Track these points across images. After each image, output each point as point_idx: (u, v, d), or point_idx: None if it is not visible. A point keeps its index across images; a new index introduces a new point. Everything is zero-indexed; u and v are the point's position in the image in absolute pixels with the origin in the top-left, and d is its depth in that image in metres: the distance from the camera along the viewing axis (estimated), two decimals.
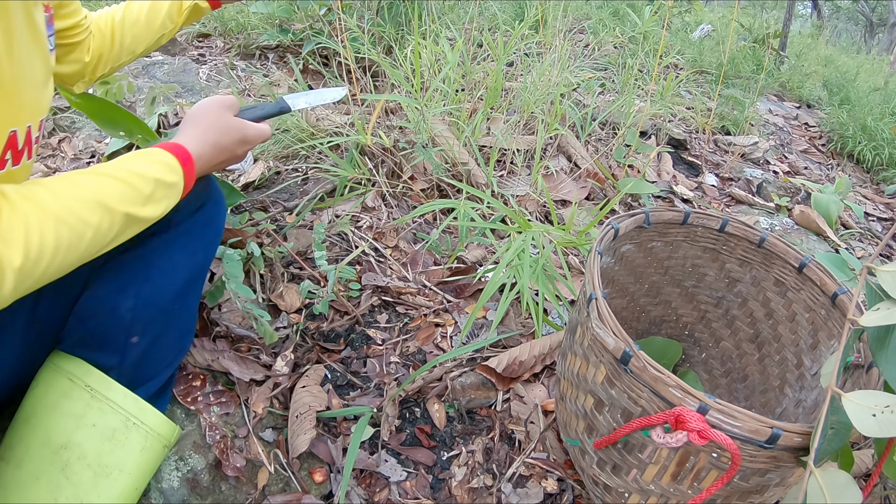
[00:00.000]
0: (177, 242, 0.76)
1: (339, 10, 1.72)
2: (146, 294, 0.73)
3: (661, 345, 1.13)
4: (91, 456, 0.68)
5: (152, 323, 0.74)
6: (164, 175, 0.67)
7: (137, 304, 0.72)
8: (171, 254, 0.75)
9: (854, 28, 14.12)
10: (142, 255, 0.74)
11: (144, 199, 0.64)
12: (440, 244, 1.42)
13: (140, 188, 0.63)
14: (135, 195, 0.63)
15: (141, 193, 0.63)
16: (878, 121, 2.75)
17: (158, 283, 0.74)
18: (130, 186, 0.62)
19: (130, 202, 0.62)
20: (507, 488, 0.93)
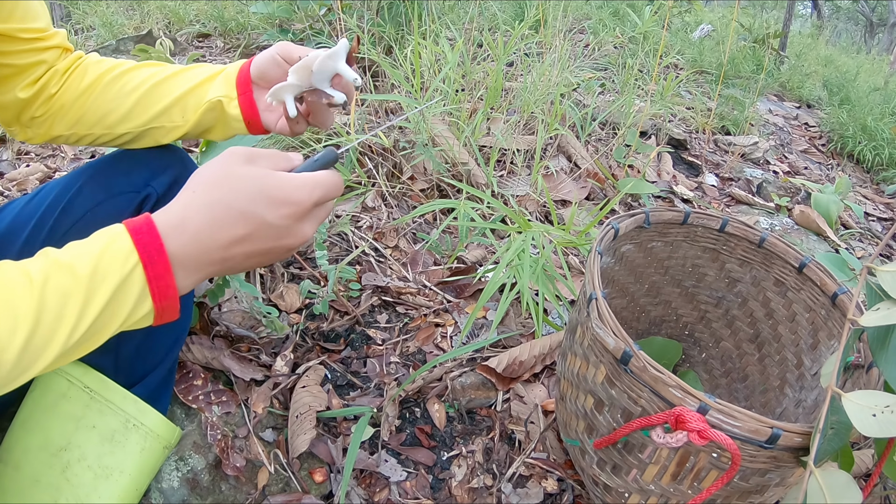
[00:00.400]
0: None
1: (339, 10, 1.73)
2: None
3: (661, 345, 1.13)
4: (91, 457, 0.68)
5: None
6: (101, 268, 0.44)
7: None
8: None
9: (854, 28, 14.12)
10: None
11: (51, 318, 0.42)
12: (440, 244, 1.42)
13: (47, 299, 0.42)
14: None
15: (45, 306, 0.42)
16: (878, 121, 2.75)
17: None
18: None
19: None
20: (507, 488, 0.93)
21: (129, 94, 0.72)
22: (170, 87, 0.72)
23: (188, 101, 0.72)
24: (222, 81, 0.72)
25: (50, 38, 0.70)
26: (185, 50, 2.37)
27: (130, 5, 2.77)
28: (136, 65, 0.75)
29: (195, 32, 2.54)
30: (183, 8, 2.68)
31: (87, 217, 0.72)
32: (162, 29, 2.57)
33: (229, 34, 2.54)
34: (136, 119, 0.73)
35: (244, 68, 0.72)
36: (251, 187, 0.47)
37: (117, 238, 0.45)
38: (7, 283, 0.41)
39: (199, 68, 0.75)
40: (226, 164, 0.48)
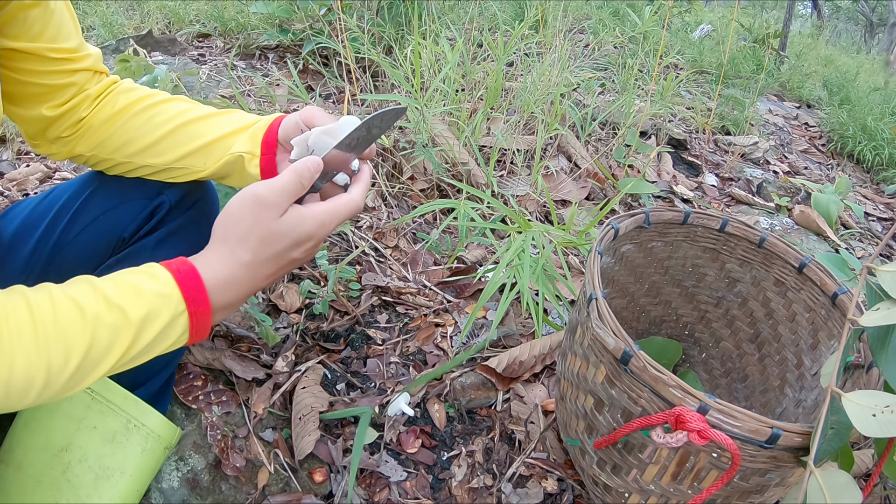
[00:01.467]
0: (170, 241, 0.76)
1: (339, 10, 1.73)
2: None
3: (661, 345, 1.13)
4: (92, 458, 0.68)
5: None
6: (153, 313, 0.50)
7: None
8: (164, 252, 0.74)
9: (854, 28, 14.12)
10: (137, 254, 0.73)
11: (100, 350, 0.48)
12: (440, 244, 1.42)
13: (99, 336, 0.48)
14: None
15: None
16: (878, 121, 2.75)
17: None
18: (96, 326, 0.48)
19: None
20: (507, 488, 0.93)
21: (155, 127, 0.71)
22: (198, 130, 0.71)
23: (213, 150, 0.71)
24: (248, 138, 0.70)
25: (81, 60, 0.68)
26: (185, 50, 2.37)
27: (130, 5, 2.77)
28: (168, 98, 0.73)
29: (195, 32, 2.54)
30: (183, 8, 2.68)
31: (100, 220, 0.73)
32: (162, 29, 2.57)
33: (229, 34, 2.54)
34: (159, 156, 0.71)
35: (273, 127, 0.70)
36: (287, 242, 0.55)
37: (168, 291, 0.51)
38: (62, 317, 0.47)
39: (230, 115, 0.73)
40: (261, 221, 0.54)
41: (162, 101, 0.73)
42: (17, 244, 0.71)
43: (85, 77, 0.69)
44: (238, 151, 0.70)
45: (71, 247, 0.72)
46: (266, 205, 0.53)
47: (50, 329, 0.46)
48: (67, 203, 0.73)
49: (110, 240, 0.73)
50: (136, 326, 0.49)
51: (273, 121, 0.71)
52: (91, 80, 0.70)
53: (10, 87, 0.64)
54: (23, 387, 0.45)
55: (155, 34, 2.37)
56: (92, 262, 0.73)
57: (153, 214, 0.75)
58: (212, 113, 0.72)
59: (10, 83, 0.64)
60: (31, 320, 0.45)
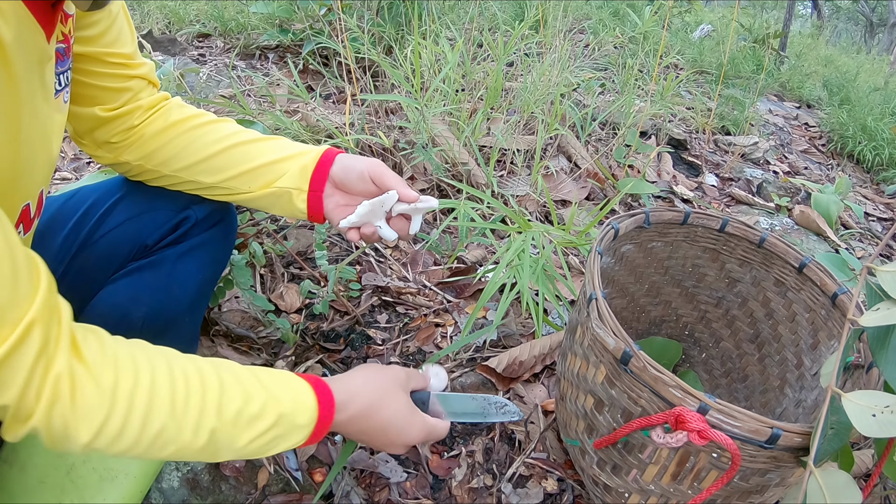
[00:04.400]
0: (193, 254, 0.76)
1: (339, 10, 1.72)
2: (159, 304, 0.73)
3: (661, 345, 1.13)
4: (96, 459, 0.69)
5: (163, 332, 0.75)
6: (289, 415, 0.56)
7: (150, 313, 0.73)
8: (186, 265, 0.76)
9: (854, 28, 14.12)
10: (157, 264, 0.74)
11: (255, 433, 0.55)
12: (440, 244, 1.42)
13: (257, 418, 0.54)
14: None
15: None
16: (878, 121, 2.75)
17: (172, 294, 0.75)
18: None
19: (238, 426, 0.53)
20: (507, 488, 0.93)
21: (206, 145, 0.72)
22: (248, 153, 0.72)
23: (261, 174, 0.72)
24: (298, 172, 0.72)
25: (136, 67, 0.70)
26: (186, 50, 2.37)
27: (130, 5, 2.76)
28: (218, 119, 0.75)
29: (195, 32, 2.54)
30: (183, 8, 2.68)
31: (126, 224, 0.74)
32: (162, 29, 2.57)
33: (229, 34, 2.54)
34: (207, 175, 0.72)
35: (324, 162, 0.72)
36: (397, 415, 0.65)
37: (307, 406, 0.58)
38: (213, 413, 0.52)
39: (280, 141, 0.75)
40: (390, 383, 0.66)
41: (213, 121, 0.75)
42: (45, 238, 0.71)
43: (139, 85, 0.71)
44: (286, 187, 0.72)
45: (95, 247, 0.73)
46: (402, 382, 0.68)
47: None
48: (95, 204, 0.74)
49: (133, 245, 0.74)
50: (274, 417, 0.55)
51: (323, 154, 0.73)
52: (145, 89, 0.72)
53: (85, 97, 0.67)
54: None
55: (155, 34, 2.37)
56: (113, 264, 0.74)
57: (178, 226, 0.76)
58: (261, 137, 0.74)
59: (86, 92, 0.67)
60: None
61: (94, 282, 0.73)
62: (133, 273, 0.73)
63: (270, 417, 0.54)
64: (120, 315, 0.71)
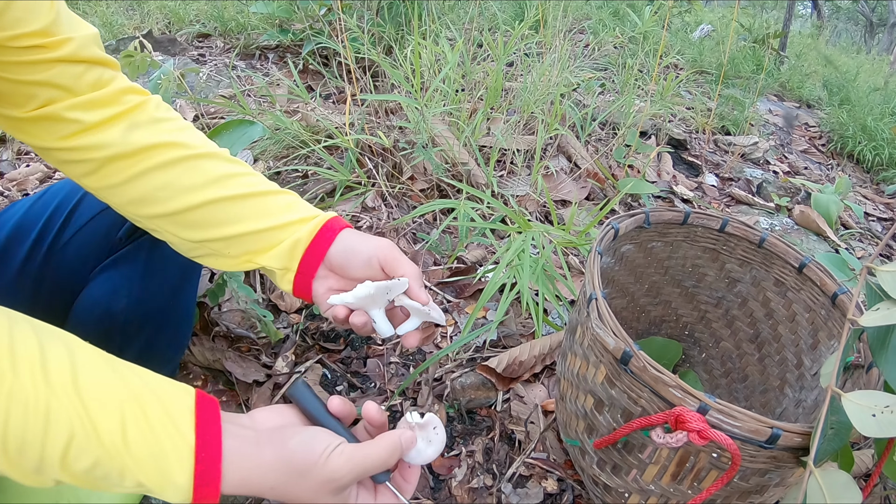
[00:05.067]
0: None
1: (339, 10, 1.72)
2: (139, 294, 0.72)
3: (661, 345, 1.13)
4: None
5: (148, 322, 0.74)
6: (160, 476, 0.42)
7: (130, 304, 0.71)
8: (161, 250, 0.72)
9: (854, 28, 14.12)
10: (132, 254, 0.72)
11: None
12: (440, 244, 1.42)
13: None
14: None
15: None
16: (878, 121, 2.75)
17: (150, 283, 0.73)
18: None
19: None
20: (507, 488, 0.93)
21: (180, 192, 0.56)
22: (233, 213, 0.58)
23: (246, 242, 0.59)
24: (287, 250, 0.58)
25: (57, 47, 0.50)
26: (185, 50, 2.37)
27: (130, 5, 2.77)
28: (205, 152, 0.58)
29: (195, 32, 2.54)
30: (183, 8, 2.68)
31: (94, 221, 0.71)
32: (162, 29, 2.57)
33: (229, 34, 2.54)
34: (181, 230, 0.58)
35: (321, 239, 0.59)
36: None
37: (180, 482, 0.42)
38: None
39: (276, 198, 0.60)
40: (321, 494, 0.46)
41: (195, 155, 0.57)
42: (11, 248, 0.70)
43: (66, 73, 0.51)
44: (271, 266, 0.59)
45: (66, 250, 0.71)
46: (334, 488, 0.46)
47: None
48: (61, 205, 0.71)
49: (104, 241, 0.72)
50: (134, 486, 0.42)
51: (321, 228, 0.59)
52: (81, 76, 0.52)
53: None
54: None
55: (155, 34, 2.37)
56: (88, 263, 0.72)
57: None
58: (254, 191, 0.59)
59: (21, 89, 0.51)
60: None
61: (75, 285, 0.72)
62: (109, 268, 0.71)
63: (128, 482, 0.42)
64: (101, 311, 0.70)
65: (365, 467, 0.47)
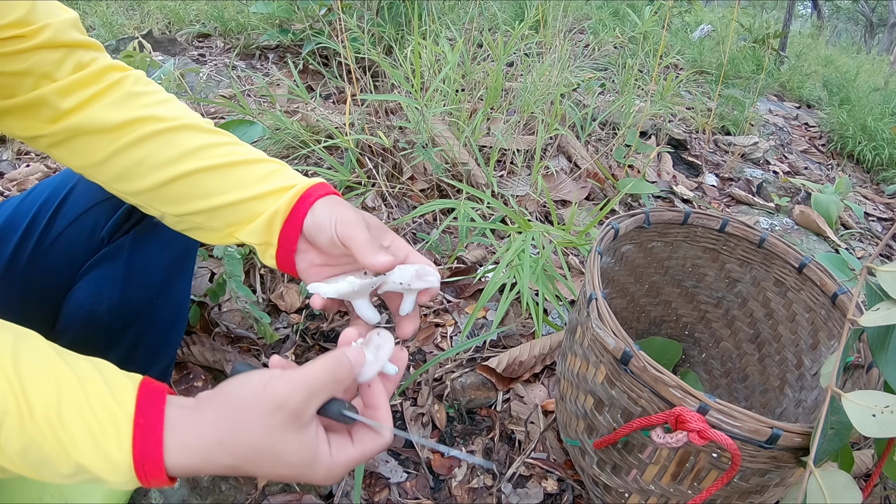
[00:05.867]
0: (150, 235, 0.72)
1: (339, 10, 1.72)
2: (122, 294, 0.70)
3: (661, 345, 1.13)
4: None
5: (133, 322, 0.73)
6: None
7: (113, 305, 0.70)
8: (145, 248, 0.71)
9: (854, 28, 14.12)
10: (114, 254, 0.71)
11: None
12: (440, 244, 1.42)
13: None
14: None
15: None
16: (878, 121, 2.75)
17: (134, 282, 0.71)
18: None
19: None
20: (507, 488, 0.93)
21: (157, 167, 0.55)
22: (209, 185, 0.56)
23: (224, 214, 0.57)
24: (265, 225, 0.56)
25: (33, 35, 0.50)
26: (185, 50, 2.37)
27: (130, 5, 2.77)
28: (182, 124, 0.57)
29: (195, 32, 2.54)
30: (183, 8, 2.68)
31: (79, 220, 0.70)
32: (162, 29, 2.57)
33: (229, 34, 2.54)
34: (163, 204, 0.58)
35: (298, 210, 0.55)
36: (283, 470, 0.43)
37: (119, 467, 0.40)
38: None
39: (252, 168, 0.58)
40: (269, 430, 0.42)
41: (170, 129, 0.56)
42: (1, 242, 0.69)
43: (45, 60, 0.52)
44: (250, 242, 0.58)
45: (52, 249, 0.70)
46: (282, 412, 0.42)
47: None
48: (47, 202, 0.70)
49: (89, 241, 0.71)
50: (73, 466, 0.40)
51: (299, 199, 0.56)
52: (62, 62, 0.53)
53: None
54: None
55: (155, 34, 2.37)
56: (74, 265, 0.71)
57: (131, 214, 0.71)
58: (231, 161, 0.57)
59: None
60: None
61: (63, 285, 0.71)
62: (92, 269, 0.70)
63: (64, 466, 0.39)
64: (86, 313, 0.69)
65: (309, 384, 0.43)
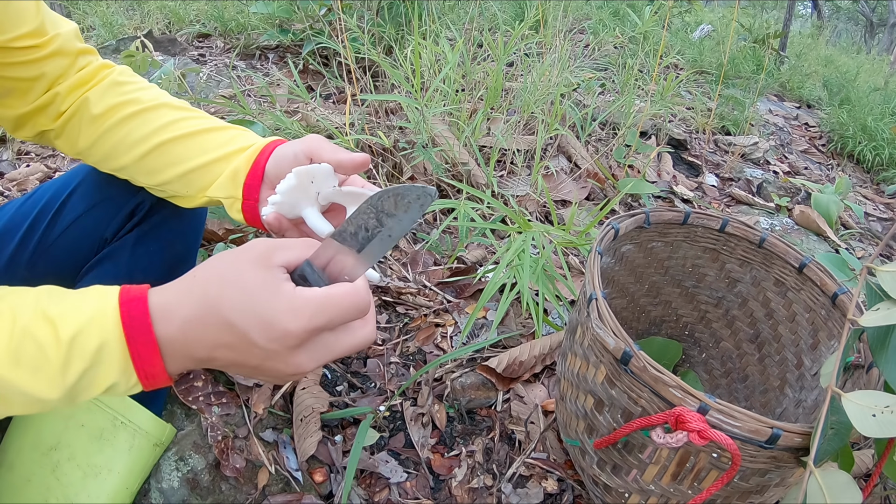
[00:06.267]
0: (151, 234, 0.74)
1: (339, 10, 1.72)
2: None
3: (661, 345, 1.12)
4: (80, 456, 0.68)
5: None
6: (82, 337, 0.40)
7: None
8: (146, 247, 0.73)
9: (854, 28, 14.12)
10: (116, 253, 0.72)
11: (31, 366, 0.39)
12: (440, 244, 1.42)
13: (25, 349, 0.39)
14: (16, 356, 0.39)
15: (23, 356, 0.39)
16: (878, 121, 2.75)
17: (136, 280, 0.71)
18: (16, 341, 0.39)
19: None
20: (507, 488, 0.93)
21: (134, 144, 0.62)
22: (177, 153, 0.61)
23: (194, 179, 0.62)
24: (229, 178, 0.59)
25: (46, 46, 0.58)
26: (185, 50, 2.37)
27: (130, 5, 2.77)
28: (153, 104, 0.63)
29: (195, 32, 2.54)
30: (183, 8, 2.68)
31: (81, 220, 0.71)
32: (162, 29, 2.57)
33: (229, 34, 2.54)
34: (143, 176, 0.64)
35: (257, 166, 0.59)
36: (245, 300, 0.40)
37: (102, 307, 0.41)
38: None
39: (217, 133, 0.62)
40: (236, 261, 0.42)
41: (148, 107, 0.62)
42: (1, 243, 0.69)
43: (56, 67, 0.60)
44: (217, 197, 0.61)
45: (53, 249, 0.71)
46: (258, 249, 0.42)
47: None
48: (50, 201, 0.71)
49: (93, 240, 0.72)
50: (65, 346, 0.39)
51: (259, 153, 0.60)
52: (68, 67, 0.61)
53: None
54: None
55: (155, 34, 2.37)
56: (76, 264, 0.72)
57: (134, 213, 0.73)
58: (200, 129, 0.62)
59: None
60: None
61: (65, 284, 0.70)
62: (95, 267, 0.71)
63: (58, 349, 0.40)
64: None
65: (276, 243, 0.43)
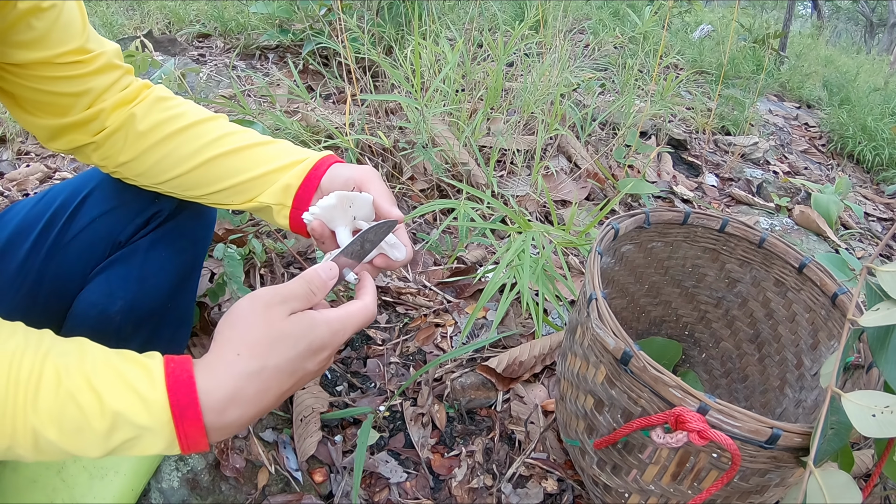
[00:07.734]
0: (164, 240, 0.74)
1: (339, 10, 1.72)
2: (135, 296, 0.72)
3: (661, 345, 1.13)
4: (86, 458, 0.68)
5: (144, 323, 0.74)
6: (130, 412, 0.41)
7: (125, 306, 0.71)
8: (159, 253, 0.74)
9: (854, 28, 14.13)
10: (129, 257, 0.72)
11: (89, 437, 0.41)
12: (440, 244, 1.42)
13: (87, 421, 0.41)
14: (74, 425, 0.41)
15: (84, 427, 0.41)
16: (878, 121, 2.75)
17: (147, 285, 0.73)
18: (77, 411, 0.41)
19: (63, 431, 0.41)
20: (507, 488, 0.93)
21: (185, 158, 0.64)
22: (233, 165, 0.64)
23: (248, 189, 0.65)
24: (281, 188, 0.63)
25: (92, 61, 0.60)
26: (186, 50, 2.37)
27: (130, 5, 2.77)
28: (203, 117, 0.66)
29: (195, 32, 2.54)
30: (183, 8, 2.68)
31: (96, 223, 0.71)
32: (162, 29, 2.57)
33: (229, 34, 2.54)
34: (188, 189, 0.66)
35: (311, 178, 0.63)
36: (301, 348, 0.46)
37: (154, 400, 0.42)
38: (40, 382, 0.41)
39: (272, 147, 0.66)
40: (269, 321, 0.45)
41: (196, 122, 0.65)
42: (12, 247, 0.70)
43: (102, 83, 0.62)
44: (267, 202, 0.64)
45: (67, 250, 0.71)
46: (274, 307, 0.46)
47: (23, 394, 0.40)
48: (64, 204, 0.72)
49: (107, 243, 0.72)
50: (110, 417, 0.41)
51: (315, 164, 0.64)
52: (112, 85, 0.63)
53: (14, 90, 0.59)
54: None
55: (155, 34, 2.37)
56: (88, 266, 0.72)
57: (150, 221, 0.74)
58: (251, 143, 0.65)
59: (14, 87, 0.59)
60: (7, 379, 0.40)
61: (74, 286, 0.72)
62: (106, 269, 0.72)
63: (101, 420, 0.41)
64: (97, 313, 0.70)
65: (287, 292, 0.47)
